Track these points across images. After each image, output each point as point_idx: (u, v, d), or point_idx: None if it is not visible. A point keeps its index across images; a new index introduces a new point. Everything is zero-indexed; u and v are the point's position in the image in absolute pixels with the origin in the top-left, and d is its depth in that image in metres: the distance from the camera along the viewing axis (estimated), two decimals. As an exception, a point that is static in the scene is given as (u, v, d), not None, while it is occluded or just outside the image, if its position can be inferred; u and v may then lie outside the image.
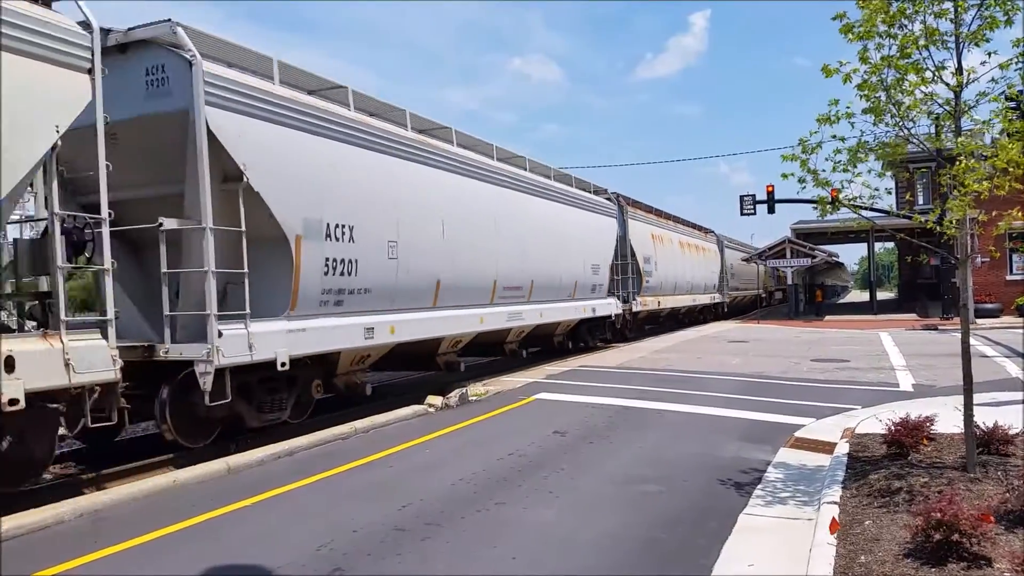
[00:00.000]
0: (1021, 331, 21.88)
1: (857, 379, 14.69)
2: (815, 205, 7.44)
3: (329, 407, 12.49)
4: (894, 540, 5.25)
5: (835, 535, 5.44)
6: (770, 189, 31.58)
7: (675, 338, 26.69)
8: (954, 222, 6.65)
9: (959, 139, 6.48)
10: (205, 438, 9.43)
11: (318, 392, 10.94)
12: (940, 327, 27.95)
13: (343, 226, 10.60)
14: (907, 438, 7.50)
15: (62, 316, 7.15)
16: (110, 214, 7.63)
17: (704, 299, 36.13)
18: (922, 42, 6.37)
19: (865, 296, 66.63)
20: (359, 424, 10.43)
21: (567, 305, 19.30)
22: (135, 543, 5.96)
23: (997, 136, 6.64)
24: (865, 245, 52.46)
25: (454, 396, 12.50)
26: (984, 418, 7.33)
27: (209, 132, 8.63)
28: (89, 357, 7.19)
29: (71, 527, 6.42)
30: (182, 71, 8.62)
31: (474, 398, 12.93)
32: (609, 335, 23.43)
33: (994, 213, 7.57)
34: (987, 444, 7.20)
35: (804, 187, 7.19)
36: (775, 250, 40.96)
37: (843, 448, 8.29)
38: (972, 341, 7.08)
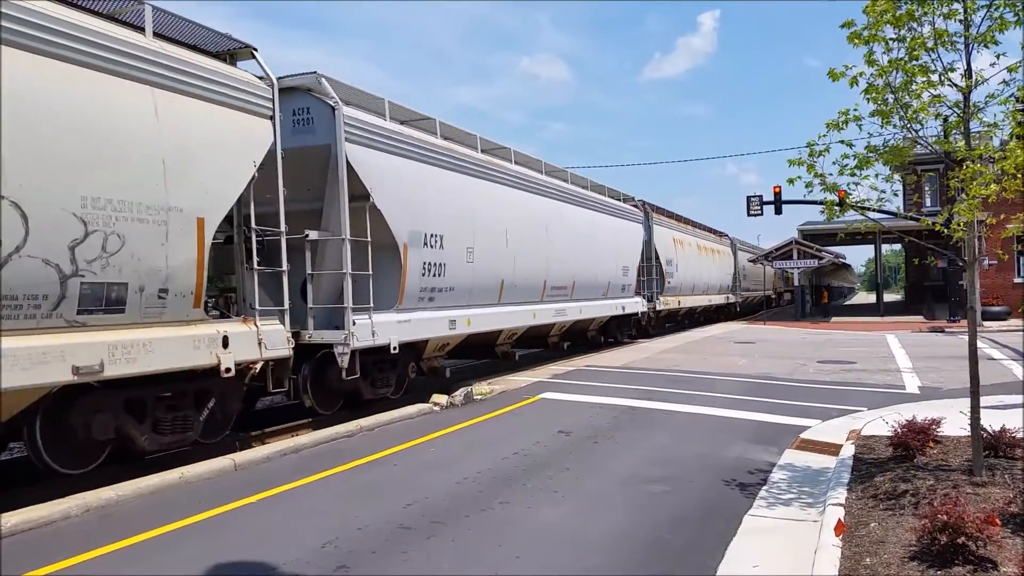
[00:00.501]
0: None
1: (863, 381, 14.67)
2: (822, 209, 7.43)
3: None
4: (899, 542, 5.24)
5: (840, 537, 5.44)
6: (777, 190, 31.53)
7: (681, 338, 26.65)
8: (962, 225, 6.64)
9: (960, 143, 6.46)
10: (333, 407, 11.61)
11: (412, 373, 13.23)
12: (947, 329, 27.88)
13: (436, 235, 12.88)
14: (913, 440, 7.49)
15: (256, 306, 9.31)
16: (285, 228, 9.85)
17: (719, 299, 37.70)
18: (931, 44, 6.34)
19: (872, 298, 66.48)
20: (364, 422, 10.46)
21: (602, 303, 21.44)
22: (141, 539, 5.99)
23: (1007, 138, 6.62)
24: (872, 247, 52.31)
25: (459, 395, 12.52)
26: (991, 421, 7.32)
27: (348, 163, 10.78)
28: (273, 338, 9.43)
29: (78, 522, 6.45)
30: (326, 114, 10.80)
31: (479, 397, 12.94)
32: (634, 331, 25.33)
33: (1002, 216, 7.55)
34: (994, 447, 7.18)
35: (811, 190, 7.19)
36: (781, 251, 40.86)
37: (849, 450, 8.27)
38: (979, 344, 7.06)
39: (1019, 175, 6.21)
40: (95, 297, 7.36)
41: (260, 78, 9.65)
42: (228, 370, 8.63)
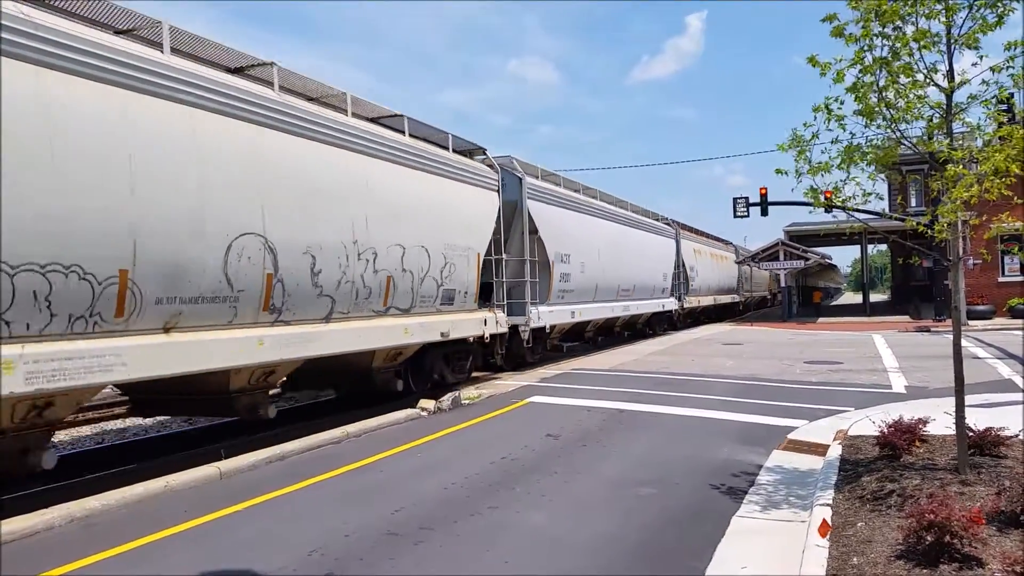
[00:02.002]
0: (1021, 334, 21.90)
1: (850, 381, 14.73)
2: (807, 196, 7.38)
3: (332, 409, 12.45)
4: (886, 541, 5.26)
5: (826, 537, 5.45)
6: (763, 191, 31.68)
7: (668, 341, 26.73)
8: (945, 225, 6.67)
9: (946, 143, 6.49)
10: (511, 366, 17.86)
11: (551, 344, 20.04)
12: (933, 329, 28.04)
13: (567, 255, 19.43)
14: (900, 440, 7.52)
15: (496, 302, 16.13)
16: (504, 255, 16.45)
17: (726, 299, 43.57)
18: (914, 44, 6.37)
19: (858, 298, 66.82)
20: (351, 428, 10.40)
21: (650, 302, 28.24)
22: (126, 548, 5.93)
23: (989, 137, 6.65)
24: (858, 247, 52.62)
25: (447, 400, 12.47)
26: (976, 420, 7.36)
27: (528, 213, 17.44)
28: (501, 320, 16.07)
29: (62, 532, 6.39)
30: (515, 182, 17.40)
31: (467, 401, 12.91)
32: (667, 325, 32.05)
33: (985, 217, 7.60)
34: (979, 446, 7.22)
35: (800, 181, 7.16)
36: (768, 252, 41.01)
37: (836, 450, 8.29)
38: (964, 343, 7.10)
39: (999, 177, 6.25)
40: (447, 297, 13.84)
41: (489, 166, 16.24)
42: (484, 337, 15.46)
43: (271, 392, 10.83)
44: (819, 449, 8.71)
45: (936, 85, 6.53)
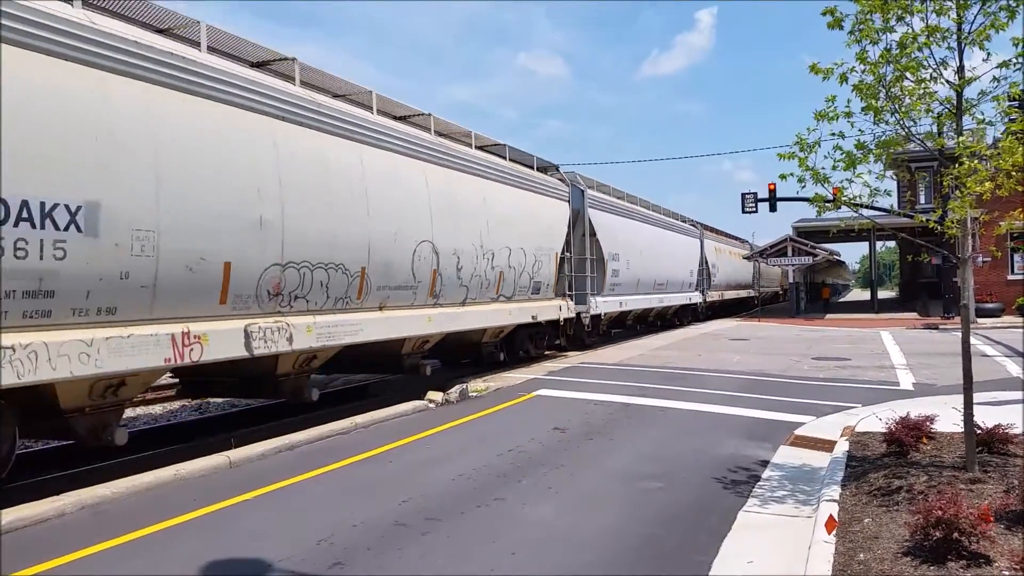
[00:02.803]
0: (1022, 331, 21.85)
1: (857, 377, 14.71)
2: (813, 203, 7.40)
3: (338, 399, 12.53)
4: (893, 538, 5.27)
5: (833, 533, 5.46)
6: (772, 187, 31.59)
7: (674, 336, 26.75)
8: (955, 222, 6.65)
9: (960, 139, 6.46)
10: (582, 348, 20.58)
11: (600, 329, 22.92)
12: (941, 326, 27.95)
13: (617, 254, 22.81)
14: (907, 437, 7.51)
15: (566, 292, 19.14)
16: (570, 254, 19.42)
17: (743, 293, 47.31)
18: (923, 40, 6.33)
19: (866, 295, 66.58)
20: (359, 419, 10.45)
21: (680, 295, 31.76)
22: (136, 536, 5.98)
23: (1000, 136, 6.62)
24: (866, 244, 52.43)
25: (454, 392, 12.51)
26: (984, 417, 7.34)
27: (589, 219, 20.85)
28: (570, 307, 19.19)
29: (73, 519, 6.44)
30: (579, 194, 20.65)
31: (474, 394, 12.95)
32: (690, 317, 34.91)
33: (995, 213, 7.58)
34: (987, 443, 7.21)
35: (804, 186, 7.17)
36: (776, 248, 40.92)
37: (843, 446, 8.30)
38: (973, 340, 7.09)
39: (1015, 172, 6.23)
40: (535, 288, 17.23)
41: (561, 180, 19.78)
42: (560, 321, 18.82)
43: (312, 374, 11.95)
44: (826, 445, 8.72)
45: (946, 82, 6.50)
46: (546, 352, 19.61)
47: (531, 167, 18.37)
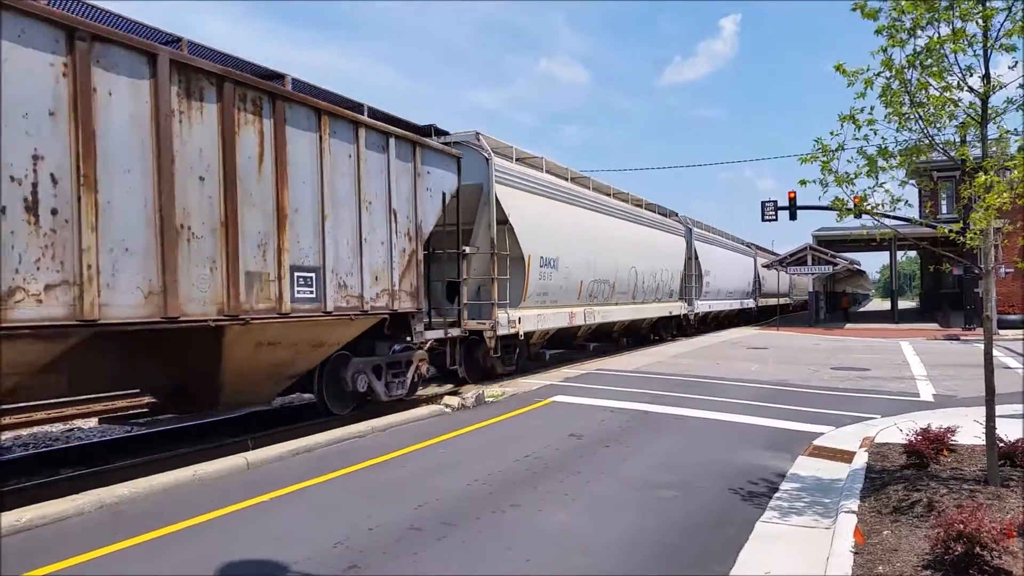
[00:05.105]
0: None
1: (877, 388, 14.58)
2: (833, 208, 7.34)
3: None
4: (913, 551, 5.21)
5: (864, 543, 5.40)
6: (792, 195, 31.40)
7: (693, 344, 26.65)
8: (977, 233, 6.58)
9: (971, 154, 6.38)
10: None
11: (693, 327, 31.75)
12: (962, 337, 27.66)
13: (709, 271, 31.93)
14: (927, 449, 7.43)
15: (682, 298, 30.37)
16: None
17: (783, 300, 53.92)
18: (951, 46, 6.27)
19: (886, 305, 65.99)
20: (376, 423, 10.48)
21: (741, 301, 40.68)
22: (154, 536, 6.02)
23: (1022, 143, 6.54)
24: (887, 253, 51.99)
25: (470, 397, 12.52)
26: (1006, 430, 7.25)
27: (695, 248, 30.45)
28: (685, 308, 30.35)
29: (92, 519, 6.50)
30: (688, 231, 30.45)
31: (490, 399, 12.94)
32: (745, 321, 42.68)
33: (1019, 223, 7.49)
34: (1009, 457, 7.12)
35: (826, 190, 7.11)
36: (796, 257, 40.68)
37: (862, 457, 8.22)
38: (995, 352, 7.00)
39: None
40: (667, 293, 27.72)
41: (678, 221, 30.38)
42: (680, 317, 29.55)
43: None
44: (845, 456, 8.64)
45: (971, 89, 6.44)
46: (667, 338, 28.71)
47: (664, 215, 28.98)
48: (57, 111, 6.82)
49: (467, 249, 14.75)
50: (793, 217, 31.54)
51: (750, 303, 43.19)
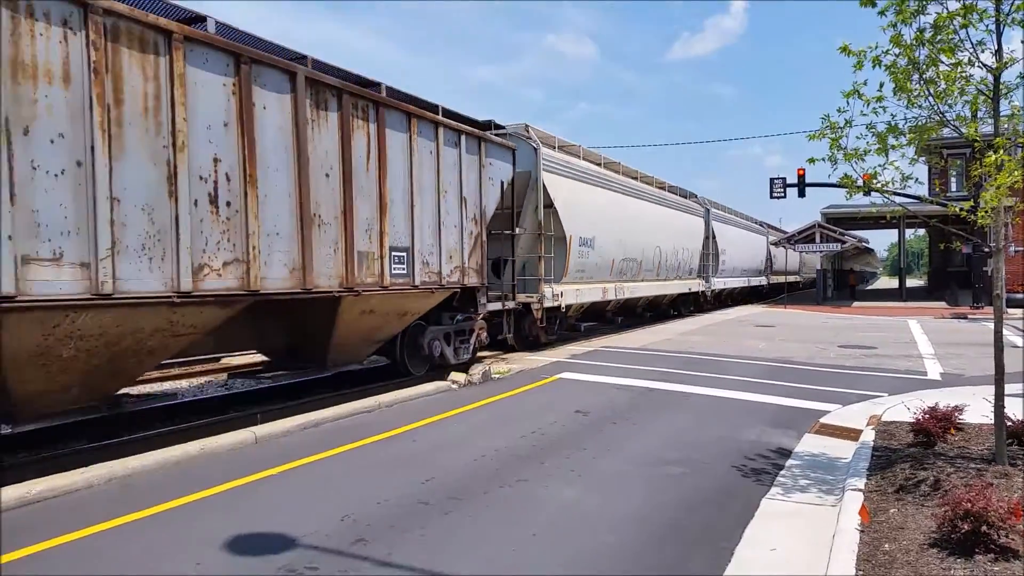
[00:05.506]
0: None
1: (884, 366, 14.56)
2: (842, 185, 7.26)
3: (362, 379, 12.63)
4: (919, 529, 5.22)
5: (869, 522, 5.41)
6: (801, 173, 31.25)
7: (700, 321, 26.64)
8: (989, 211, 6.52)
9: (980, 133, 6.29)
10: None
11: (710, 302, 32.52)
12: (970, 316, 27.56)
13: (725, 250, 33.51)
14: (934, 427, 7.43)
15: (700, 275, 31.59)
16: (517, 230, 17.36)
17: (793, 278, 56.38)
18: (960, 21, 6.17)
19: (894, 283, 65.83)
20: (384, 398, 10.52)
21: (754, 279, 41.99)
22: (162, 508, 6.07)
23: None
24: (895, 231, 51.77)
25: (477, 373, 12.55)
26: (1014, 410, 7.24)
27: (712, 228, 31.65)
28: (703, 285, 31.33)
29: (101, 491, 6.55)
30: (706, 211, 31.60)
31: (497, 376, 12.98)
32: (757, 298, 44.21)
33: (1031, 201, 7.42)
34: (1017, 436, 7.11)
35: (836, 167, 7.04)
36: (804, 234, 40.52)
37: (869, 435, 8.22)
38: (1003, 331, 6.96)
39: None
40: (687, 271, 28.78)
41: (698, 203, 31.77)
42: (698, 293, 30.85)
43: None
44: (851, 434, 8.65)
45: (983, 65, 6.34)
46: (685, 313, 30.11)
47: (684, 196, 29.86)
48: (229, 123, 8.39)
49: (517, 230, 16.34)
50: (802, 194, 31.42)
51: (763, 280, 44.40)
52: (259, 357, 13.33)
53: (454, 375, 12.45)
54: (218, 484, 6.72)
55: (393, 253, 11.20)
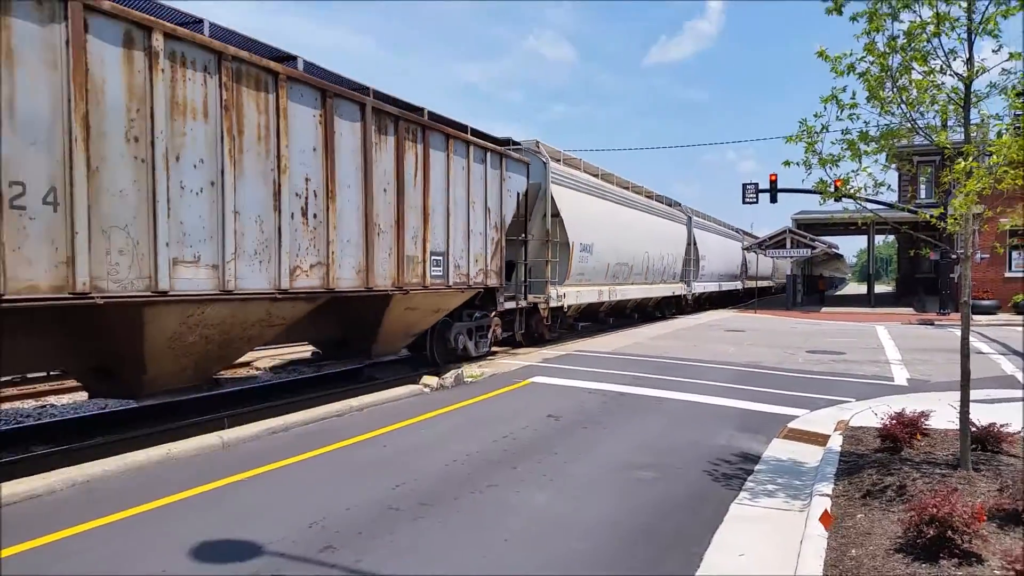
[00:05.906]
0: (1021, 329, 21.86)
1: (852, 371, 14.71)
2: (817, 192, 7.32)
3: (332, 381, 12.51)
4: (885, 534, 5.26)
5: (829, 528, 5.44)
6: (773, 178, 31.47)
7: (672, 325, 26.78)
8: (958, 217, 6.60)
9: (967, 144, 6.37)
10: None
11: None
12: (937, 322, 27.96)
13: (705, 255, 34.60)
14: (901, 433, 7.51)
15: (682, 280, 32.94)
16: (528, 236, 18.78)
17: (767, 283, 56.43)
18: (932, 29, 6.24)
19: (862, 288, 66.68)
20: (354, 402, 10.43)
21: (729, 283, 43.72)
22: (126, 515, 5.95)
23: (1005, 127, 6.53)
24: (864, 237, 52.45)
25: (449, 377, 12.49)
26: (979, 415, 7.34)
27: (693, 235, 33.06)
28: (685, 289, 32.79)
29: (63, 497, 6.41)
30: (688, 219, 33.25)
31: (469, 379, 12.93)
32: (732, 302, 46.07)
33: (998, 209, 7.52)
34: (981, 441, 7.21)
35: (810, 172, 7.10)
36: (775, 240, 40.85)
37: (836, 441, 8.30)
38: (970, 337, 7.05)
39: (1013, 168, 6.17)
40: (671, 276, 29.91)
41: (681, 211, 33.01)
42: (681, 297, 32.28)
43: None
44: (819, 439, 8.72)
45: (955, 73, 6.42)
46: (668, 316, 31.39)
47: (670, 205, 31.82)
48: (316, 147, 9.91)
49: (528, 236, 17.99)
50: (774, 200, 31.62)
51: (738, 285, 46.17)
52: (252, 355, 15.27)
53: (426, 378, 12.38)
54: (184, 490, 6.61)
55: (432, 257, 12.72)
